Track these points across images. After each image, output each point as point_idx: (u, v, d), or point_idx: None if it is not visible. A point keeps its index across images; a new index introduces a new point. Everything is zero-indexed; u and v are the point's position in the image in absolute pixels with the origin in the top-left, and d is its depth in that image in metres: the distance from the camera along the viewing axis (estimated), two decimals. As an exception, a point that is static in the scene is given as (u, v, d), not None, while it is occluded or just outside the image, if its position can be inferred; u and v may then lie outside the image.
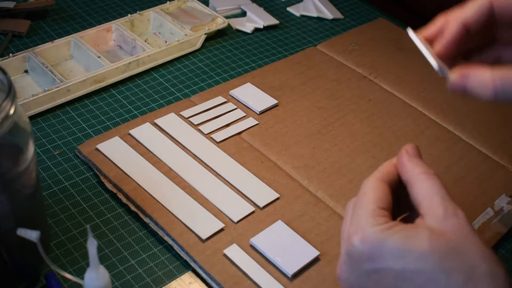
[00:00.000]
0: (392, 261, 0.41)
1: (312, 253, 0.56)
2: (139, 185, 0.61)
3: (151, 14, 0.85)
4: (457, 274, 0.40)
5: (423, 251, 0.41)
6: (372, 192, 0.45)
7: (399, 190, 0.47)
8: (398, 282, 0.42)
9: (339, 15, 0.94)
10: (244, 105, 0.73)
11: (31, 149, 0.47)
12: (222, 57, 0.83)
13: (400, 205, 0.47)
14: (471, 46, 0.53)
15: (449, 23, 0.51)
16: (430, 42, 0.54)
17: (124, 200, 0.60)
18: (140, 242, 0.58)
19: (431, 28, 0.53)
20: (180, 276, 0.55)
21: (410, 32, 0.55)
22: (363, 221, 0.43)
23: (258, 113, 0.72)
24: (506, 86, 0.45)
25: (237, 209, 0.60)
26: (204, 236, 0.57)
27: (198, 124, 0.69)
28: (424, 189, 0.44)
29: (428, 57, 0.53)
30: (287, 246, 0.56)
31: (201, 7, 0.88)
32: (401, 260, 0.41)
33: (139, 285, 0.54)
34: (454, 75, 0.48)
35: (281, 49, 0.86)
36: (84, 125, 0.69)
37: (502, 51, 0.54)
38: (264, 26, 0.89)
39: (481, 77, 0.46)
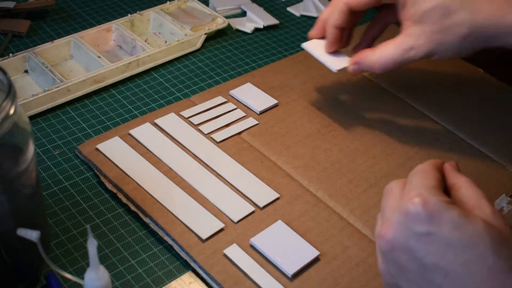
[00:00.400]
0: (447, 229, 0.43)
1: (312, 253, 0.56)
2: (139, 185, 0.61)
3: (151, 14, 0.85)
4: (506, 259, 0.42)
5: (479, 230, 0.43)
6: (432, 171, 0.47)
7: None
8: (447, 250, 0.43)
9: (339, 15, 0.94)
10: (244, 105, 0.73)
11: (31, 149, 0.47)
12: (222, 57, 0.83)
13: None
14: (358, 22, 0.68)
15: (326, 28, 0.67)
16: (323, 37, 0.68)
17: (124, 200, 0.60)
18: (140, 242, 0.58)
19: (317, 30, 0.68)
20: (180, 276, 0.55)
21: (306, 47, 0.70)
22: (427, 189, 0.45)
23: (258, 113, 0.72)
24: (386, 62, 0.62)
25: (237, 209, 0.60)
26: (204, 236, 0.57)
27: (198, 124, 0.69)
28: (471, 193, 0.46)
29: (327, 64, 0.68)
30: (287, 246, 0.56)
31: (201, 7, 0.88)
32: (457, 231, 0.43)
33: (139, 285, 0.54)
34: (351, 66, 0.66)
35: (281, 49, 0.86)
36: (84, 125, 0.69)
37: (386, 17, 0.69)
38: (264, 26, 0.89)
39: (367, 61, 0.64)
